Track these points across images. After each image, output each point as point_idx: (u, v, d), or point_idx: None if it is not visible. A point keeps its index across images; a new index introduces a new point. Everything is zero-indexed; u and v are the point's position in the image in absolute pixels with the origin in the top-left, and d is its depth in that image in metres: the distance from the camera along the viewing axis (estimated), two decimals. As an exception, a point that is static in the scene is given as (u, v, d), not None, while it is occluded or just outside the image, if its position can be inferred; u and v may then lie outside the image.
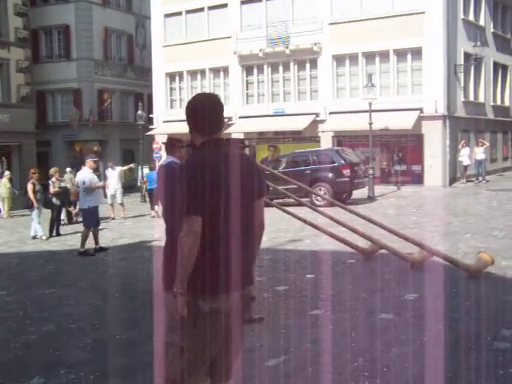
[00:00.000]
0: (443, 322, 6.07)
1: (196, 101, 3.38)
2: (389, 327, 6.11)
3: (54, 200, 15.45)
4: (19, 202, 21.43)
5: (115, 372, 5.36)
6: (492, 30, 30.99)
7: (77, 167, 35.01)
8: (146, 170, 25.66)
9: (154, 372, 4.56)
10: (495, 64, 31.52)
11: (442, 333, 5.71)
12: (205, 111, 3.33)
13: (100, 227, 16.72)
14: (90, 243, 12.31)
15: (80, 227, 17.26)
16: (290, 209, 10.99)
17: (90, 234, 12.21)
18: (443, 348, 5.32)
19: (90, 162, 12.51)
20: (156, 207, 18.92)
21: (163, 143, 9.10)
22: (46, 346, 6.15)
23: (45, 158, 34.27)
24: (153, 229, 14.70)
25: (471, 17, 28.75)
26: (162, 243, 8.66)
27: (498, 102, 32.51)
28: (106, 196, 18.86)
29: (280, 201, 17.01)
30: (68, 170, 21.80)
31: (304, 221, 9.74)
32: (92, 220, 12.34)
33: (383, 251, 9.59)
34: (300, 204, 10.58)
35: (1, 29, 31.91)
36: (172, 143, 8.40)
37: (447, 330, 5.84)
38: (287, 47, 28.53)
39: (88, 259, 11.70)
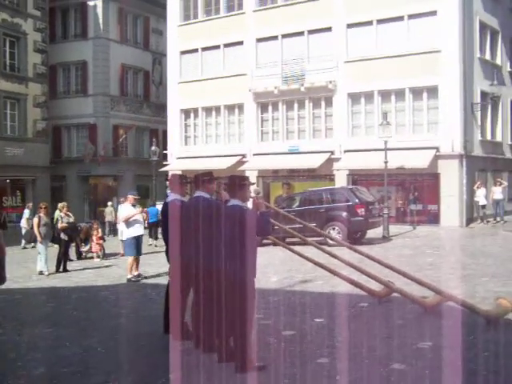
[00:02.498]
0: (459, 374, 5.63)
1: None
2: (400, 379, 5.68)
3: (62, 235, 15.21)
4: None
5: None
6: (509, 69, 30.68)
7: (92, 202, 35.44)
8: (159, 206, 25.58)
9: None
10: (513, 103, 31.18)
11: (458, 387, 5.29)
12: None
13: (108, 264, 16.62)
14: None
15: (88, 263, 17.10)
16: (302, 248, 10.64)
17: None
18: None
19: (130, 197, 13.63)
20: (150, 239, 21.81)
21: (166, 180, 8.86)
22: (34, 392, 5.80)
23: (59, 193, 34.32)
24: (160, 266, 14.34)
25: (487, 56, 28.51)
26: (166, 282, 8.40)
27: (516, 142, 32.04)
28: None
29: (294, 239, 16.63)
30: (109, 203, 23.40)
31: (312, 261, 9.35)
32: (132, 249, 13.31)
33: (397, 294, 9.17)
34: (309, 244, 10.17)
35: (20, 65, 32.35)
36: (176, 180, 8.15)
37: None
38: (302, 85, 28.43)
39: (92, 297, 11.39)
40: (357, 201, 19.75)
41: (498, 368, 5.91)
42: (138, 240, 13.39)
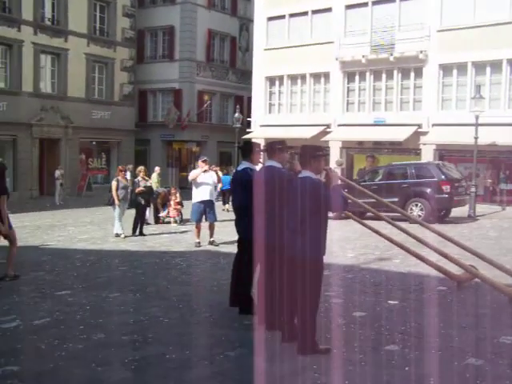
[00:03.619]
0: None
1: None
2: (477, 376, 5.16)
3: (139, 199, 15.27)
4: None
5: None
6: None
7: (174, 166, 35.78)
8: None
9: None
10: None
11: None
12: None
13: (184, 229, 16.58)
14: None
15: (165, 228, 17.14)
16: (381, 224, 10.12)
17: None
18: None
19: (199, 161, 13.64)
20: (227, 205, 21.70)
21: (238, 148, 8.51)
22: (90, 358, 5.66)
23: (143, 156, 34.84)
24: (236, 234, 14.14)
25: None
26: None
27: None
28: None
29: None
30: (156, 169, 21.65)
31: (389, 239, 8.81)
32: (195, 214, 13.15)
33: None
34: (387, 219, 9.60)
35: (109, 29, 32.79)
36: (249, 148, 7.78)
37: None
38: (391, 54, 27.36)
39: (163, 263, 11.32)
40: (443, 177, 18.85)
41: None
42: (204, 205, 13.08)
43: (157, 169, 21.02)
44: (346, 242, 13.91)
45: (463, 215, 20.08)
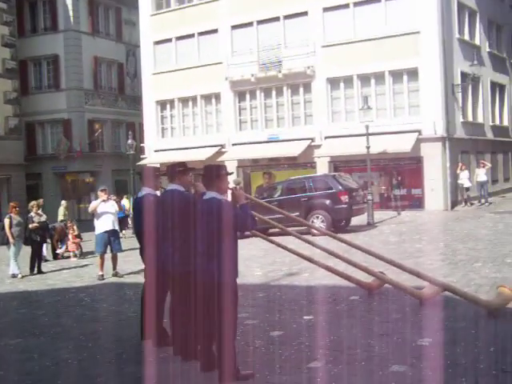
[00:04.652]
0: (466, 376, 5.10)
1: None
2: (403, 383, 5.13)
3: (33, 236, 14.48)
4: None
5: None
6: (488, 50, 30.37)
7: (68, 199, 34.54)
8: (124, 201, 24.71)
9: None
10: (492, 84, 30.83)
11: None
12: None
13: (86, 263, 15.94)
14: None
15: (65, 263, 16.37)
16: (286, 239, 10.09)
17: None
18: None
19: (99, 192, 13.49)
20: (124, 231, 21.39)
21: (137, 174, 8.24)
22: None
23: (35, 191, 33.40)
24: (140, 263, 13.69)
25: (466, 36, 28.13)
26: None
27: (497, 122, 31.74)
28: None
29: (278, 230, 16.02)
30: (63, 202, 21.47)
31: (296, 253, 8.81)
32: (100, 245, 12.79)
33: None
34: (286, 234, 9.58)
35: (-13, 60, 31.32)
36: (147, 173, 7.52)
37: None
38: (280, 71, 27.80)
39: (66, 300, 10.73)
40: (340, 188, 19.23)
41: (506, 365, 5.39)
42: (108, 235, 12.76)
43: (63, 202, 21.36)
44: (253, 261, 13.78)
45: (363, 223, 20.56)
